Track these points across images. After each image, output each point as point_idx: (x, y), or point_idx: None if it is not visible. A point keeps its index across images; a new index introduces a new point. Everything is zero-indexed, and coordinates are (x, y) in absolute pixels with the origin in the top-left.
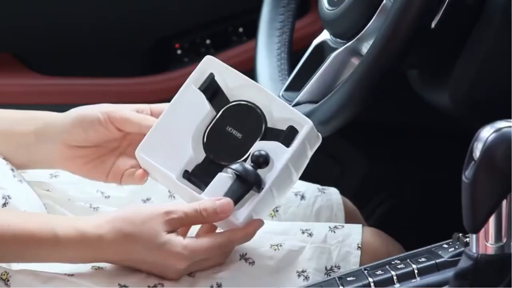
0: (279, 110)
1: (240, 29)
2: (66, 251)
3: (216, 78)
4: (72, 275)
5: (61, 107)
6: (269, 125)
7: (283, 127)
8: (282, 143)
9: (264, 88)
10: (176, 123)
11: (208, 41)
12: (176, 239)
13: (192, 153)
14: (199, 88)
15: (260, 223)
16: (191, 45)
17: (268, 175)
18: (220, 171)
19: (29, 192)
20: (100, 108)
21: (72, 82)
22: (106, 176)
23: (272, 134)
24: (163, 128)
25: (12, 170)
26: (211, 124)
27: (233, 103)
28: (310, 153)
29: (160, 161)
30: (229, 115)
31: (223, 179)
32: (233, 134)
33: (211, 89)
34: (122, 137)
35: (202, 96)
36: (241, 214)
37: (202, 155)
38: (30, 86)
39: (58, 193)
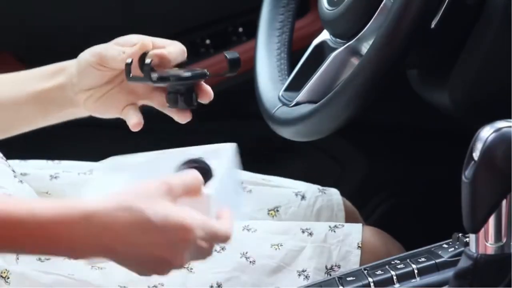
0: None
1: (240, 29)
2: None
3: None
4: (72, 275)
5: None
6: None
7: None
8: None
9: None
10: None
11: (207, 41)
12: (178, 209)
13: None
14: None
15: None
16: (190, 45)
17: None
18: None
19: (30, 193)
20: (91, 51)
21: None
22: (120, 111)
23: None
24: None
25: (13, 171)
26: None
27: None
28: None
29: None
30: None
31: None
32: None
33: None
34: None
35: None
36: (212, 184)
37: None
38: None
39: (57, 195)
